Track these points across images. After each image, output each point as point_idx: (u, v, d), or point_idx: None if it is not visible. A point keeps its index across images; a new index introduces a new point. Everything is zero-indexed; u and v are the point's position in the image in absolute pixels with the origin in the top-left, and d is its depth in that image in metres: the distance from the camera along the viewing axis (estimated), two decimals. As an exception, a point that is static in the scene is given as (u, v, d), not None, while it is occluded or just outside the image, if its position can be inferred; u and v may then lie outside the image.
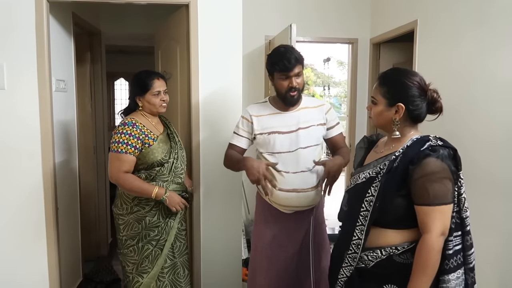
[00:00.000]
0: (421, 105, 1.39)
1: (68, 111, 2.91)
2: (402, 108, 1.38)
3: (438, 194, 1.27)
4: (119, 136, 2.00)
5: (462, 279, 1.33)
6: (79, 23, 3.17)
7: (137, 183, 2.02)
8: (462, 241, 1.35)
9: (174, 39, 2.81)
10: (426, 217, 1.29)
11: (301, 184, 1.98)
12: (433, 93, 1.41)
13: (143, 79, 2.10)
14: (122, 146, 1.99)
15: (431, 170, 1.28)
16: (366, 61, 4.01)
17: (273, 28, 3.63)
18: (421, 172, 1.29)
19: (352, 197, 1.50)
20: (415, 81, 1.39)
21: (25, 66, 2.33)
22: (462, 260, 1.34)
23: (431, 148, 1.32)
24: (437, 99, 1.41)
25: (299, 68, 1.95)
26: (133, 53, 6.19)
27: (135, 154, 2.02)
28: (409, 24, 3.17)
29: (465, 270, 1.34)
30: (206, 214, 2.66)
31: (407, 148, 1.37)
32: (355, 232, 1.41)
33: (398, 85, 1.40)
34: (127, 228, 2.10)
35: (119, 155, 2.00)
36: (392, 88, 1.41)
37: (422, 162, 1.29)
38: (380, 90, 1.44)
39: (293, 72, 1.93)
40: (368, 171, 1.45)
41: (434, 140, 1.34)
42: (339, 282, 1.46)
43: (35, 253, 2.44)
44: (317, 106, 2.08)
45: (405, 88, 1.39)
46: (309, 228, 2.06)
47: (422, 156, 1.30)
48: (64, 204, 2.72)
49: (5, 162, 2.37)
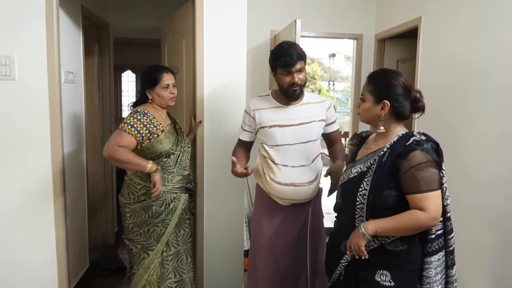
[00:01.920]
0: (404, 103, 1.51)
1: (76, 103, 2.98)
2: (387, 104, 1.50)
3: (428, 181, 1.39)
4: (127, 119, 2.11)
5: (442, 261, 1.48)
6: (88, 16, 3.22)
7: (132, 156, 2.05)
8: (443, 226, 1.48)
9: (180, 33, 2.85)
10: (420, 203, 1.39)
11: (299, 178, 2.02)
12: (416, 93, 1.53)
13: (152, 73, 2.20)
14: (127, 127, 2.08)
15: (418, 161, 1.40)
16: (370, 57, 4.03)
17: (278, 23, 3.66)
18: (409, 164, 1.40)
19: (346, 190, 1.60)
20: (400, 81, 1.51)
21: (35, 58, 2.38)
22: (443, 244, 1.48)
23: (416, 142, 1.43)
24: (420, 99, 1.53)
25: (301, 64, 1.98)
26: (140, 45, 6.25)
27: (136, 138, 2.09)
28: (413, 20, 3.19)
29: (445, 252, 1.49)
30: (209, 205, 2.72)
31: (394, 143, 1.49)
32: (356, 224, 1.51)
33: (384, 84, 1.52)
34: (133, 216, 2.19)
35: (121, 133, 2.08)
36: (379, 86, 1.53)
37: (408, 155, 1.41)
38: (368, 87, 1.56)
39: (295, 68, 1.96)
40: (359, 166, 1.56)
41: (418, 135, 1.46)
42: (340, 267, 1.56)
43: (43, 240, 2.50)
44: (319, 102, 2.13)
45: (391, 87, 1.51)
46: (307, 219, 2.12)
47: (408, 150, 1.42)
48: (72, 193, 2.79)
49: (16, 152, 2.43)
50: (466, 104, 2.55)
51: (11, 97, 2.39)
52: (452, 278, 1.49)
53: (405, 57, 3.85)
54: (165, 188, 2.18)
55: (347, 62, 16.26)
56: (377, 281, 1.48)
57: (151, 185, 2.08)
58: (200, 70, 2.60)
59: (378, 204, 1.45)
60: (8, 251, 2.49)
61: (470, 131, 2.50)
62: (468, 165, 2.45)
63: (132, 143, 2.09)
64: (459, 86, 2.62)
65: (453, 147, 2.51)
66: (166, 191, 2.19)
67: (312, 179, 2.06)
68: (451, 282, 1.49)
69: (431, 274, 1.45)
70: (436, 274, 1.46)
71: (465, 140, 2.51)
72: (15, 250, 2.49)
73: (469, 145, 2.48)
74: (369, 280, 1.49)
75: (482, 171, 2.38)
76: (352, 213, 1.51)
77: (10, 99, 2.39)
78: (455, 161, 2.48)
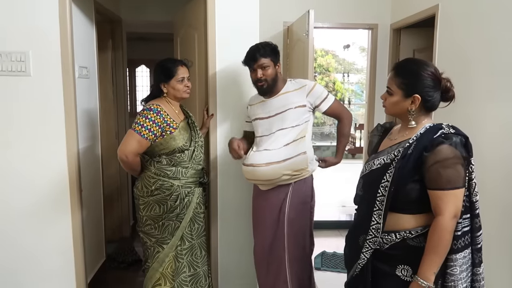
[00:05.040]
0: (435, 95, 1.44)
1: (90, 97, 3.00)
2: (418, 99, 1.44)
3: (451, 179, 1.33)
4: (143, 120, 2.08)
5: (468, 258, 1.41)
6: (101, 11, 3.23)
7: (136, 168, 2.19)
8: (471, 223, 1.41)
9: (192, 26, 2.84)
10: (439, 201, 1.35)
11: (257, 159, 2.18)
12: (446, 82, 1.46)
13: (168, 66, 2.20)
14: (145, 131, 2.07)
15: (444, 156, 1.34)
16: (386, 47, 3.94)
17: (292, 14, 3.60)
18: (435, 158, 1.34)
19: (367, 182, 1.56)
20: (430, 71, 1.44)
21: (49, 54, 2.40)
22: (470, 241, 1.41)
23: (444, 135, 1.37)
24: (450, 88, 1.46)
25: (263, 61, 2.15)
26: (154, 40, 6.26)
27: (152, 140, 2.10)
28: (430, 8, 3.10)
29: (472, 250, 1.42)
30: (223, 198, 2.73)
31: (420, 135, 1.42)
32: (373, 217, 1.47)
33: (414, 76, 1.45)
34: (147, 209, 2.20)
35: (140, 138, 2.07)
36: (408, 79, 1.46)
37: (435, 149, 1.35)
38: (396, 81, 1.48)
39: (257, 64, 2.15)
40: (382, 157, 1.51)
41: (447, 128, 1.40)
42: (359, 265, 1.52)
43: (60, 233, 2.54)
44: (298, 88, 2.21)
45: (421, 79, 1.43)
46: (285, 204, 2.19)
47: (435, 143, 1.36)
48: (87, 187, 2.82)
49: (31, 147, 2.46)
50: (485, 95, 2.47)
51: (26, 93, 2.42)
52: (479, 276, 1.43)
53: (421, 46, 3.76)
54: (179, 182, 2.19)
55: (361, 53, 16.02)
56: (397, 275, 1.44)
57: None
58: (212, 63, 2.58)
59: (401, 197, 1.41)
60: (25, 244, 2.53)
61: (489, 124, 2.43)
62: (487, 158, 2.38)
63: (147, 147, 2.12)
64: (477, 77, 2.54)
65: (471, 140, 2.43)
66: (181, 185, 2.19)
67: (272, 161, 2.13)
68: (478, 280, 1.43)
69: (456, 271, 1.39)
70: (461, 272, 1.40)
71: (484, 132, 2.44)
72: (32, 244, 2.54)
73: (489, 137, 2.41)
74: (389, 274, 1.46)
75: (501, 164, 2.31)
76: (372, 206, 1.47)
77: (25, 94, 2.42)
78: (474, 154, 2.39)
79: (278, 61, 2.22)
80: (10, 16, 2.37)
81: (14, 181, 2.48)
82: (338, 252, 3.64)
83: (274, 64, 2.19)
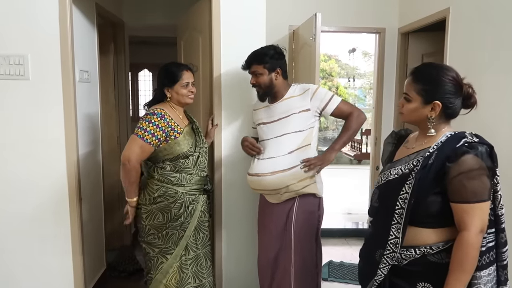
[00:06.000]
0: (456, 102, 1.37)
1: (91, 102, 2.93)
2: (439, 106, 1.36)
3: (476, 191, 1.26)
4: (147, 125, 2.02)
5: (493, 276, 1.33)
6: (102, 14, 3.17)
7: (136, 182, 2.08)
8: (496, 238, 1.34)
9: (196, 29, 2.77)
10: (464, 215, 1.27)
11: (262, 168, 2.11)
12: (468, 88, 1.39)
13: (172, 70, 2.14)
14: (148, 136, 2.01)
15: (469, 167, 1.26)
16: (393, 52, 3.86)
17: (298, 18, 3.53)
18: (459, 170, 1.27)
19: (384, 193, 1.48)
20: (451, 76, 1.37)
21: (49, 57, 2.34)
22: (495, 257, 1.34)
23: (468, 144, 1.30)
24: (472, 94, 1.39)
25: (255, 68, 2.15)
26: (157, 44, 6.22)
27: (155, 145, 2.04)
28: (440, 12, 3.02)
29: (497, 267, 1.34)
30: (227, 206, 2.65)
31: (442, 144, 1.35)
32: (391, 231, 1.39)
33: (434, 82, 1.37)
34: (150, 218, 2.12)
35: (143, 144, 2.01)
36: (428, 85, 1.38)
37: (459, 159, 1.28)
38: (415, 86, 1.41)
39: (249, 70, 2.18)
40: (399, 167, 1.44)
41: (470, 137, 1.33)
42: (375, 282, 1.44)
43: (59, 242, 2.47)
44: (302, 93, 2.16)
45: (442, 85, 1.36)
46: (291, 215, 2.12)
47: (459, 153, 1.28)
48: (88, 194, 2.75)
49: (30, 153, 2.40)
50: (499, 101, 2.39)
51: (25, 97, 2.36)
52: None
53: (430, 51, 3.68)
54: (183, 189, 2.12)
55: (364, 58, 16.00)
56: None
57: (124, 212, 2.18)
58: (217, 67, 2.51)
59: (421, 210, 1.33)
60: (23, 253, 2.47)
61: (505, 131, 2.34)
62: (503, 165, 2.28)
63: (150, 152, 2.06)
64: (491, 82, 2.45)
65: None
66: (185, 192, 2.13)
67: (277, 170, 2.07)
68: None
69: None
70: None
71: (498, 140, 2.35)
72: (30, 252, 2.47)
73: (503, 144, 2.32)
74: None
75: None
76: (389, 219, 1.39)
77: (24, 99, 2.36)
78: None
79: (277, 67, 2.15)
80: (9, 18, 2.31)
81: (10, 189, 2.42)
82: (345, 261, 3.55)
83: (269, 71, 2.14)
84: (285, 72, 2.20)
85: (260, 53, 2.15)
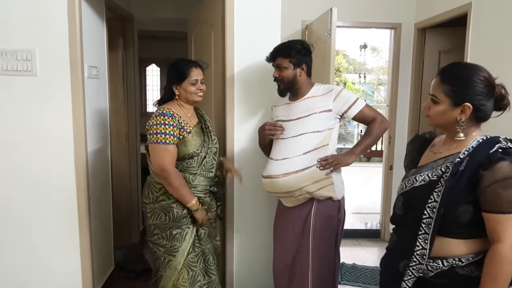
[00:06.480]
0: (488, 104, 1.29)
1: (100, 98, 2.86)
2: (470, 108, 1.28)
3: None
4: (164, 128, 1.97)
5: None
6: (112, 7, 3.09)
7: (184, 186, 2.01)
8: None
9: (208, 23, 2.69)
10: (498, 226, 1.19)
11: (275, 170, 2.04)
12: (501, 89, 1.31)
13: (181, 67, 2.07)
14: (170, 138, 1.97)
15: (505, 175, 1.18)
16: (409, 48, 3.75)
17: (310, 13, 3.43)
18: (494, 178, 1.19)
19: (409, 201, 1.40)
20: (482, 77, 1.28)
21: (57, 52, 2.27)
22: None
23: (502, 150, 1.22)
24: (505, 95, 1.31)
25: (280, 61, 2.06)
26: (165, 39, 6.16)
27: (175, 142, 2.01)
28: (461, 7, 2.90)
29: None
30: (240, 208, 2.58)
31: (473, 150, 1.27)
32: (418, 241, 1.31)
33: (464, 83, 1.29)
34: (153, 217, 2.09)
35: (168, 147, 1.97)
36: (458, 86, 1.30)
37: (494, 166, 1.20)
38: (443, 88, 1.32)
39: (274, 63, 2.10)
40: (426, 173, 1.36)
41: (505, 142, 1.24)
42: None
43: (67, 242, 2.43)
44: (325, 93, 2.09)
45: (473, 86, 1.27)
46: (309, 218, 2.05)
47: (494, 160, 1.20)
48: (96, 192, 2.70)
49: (37, 150, 2.35)
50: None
51: (32, 94, 2.30)
52: None
53: (447, 47, 3.57)
54: None
55: (373, 53, 15.81)
56: None
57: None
58: (230, 63, 2.43)
59: (450, 220, 1.26)
60: (31, 251, 2.43)
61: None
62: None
63: (173, 149, 2.01)
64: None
65: None
66: None
67: (290, 171, 2.00)
68: None
69: None
70: None
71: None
72: (38, 251, 2.43)
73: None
74: None
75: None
76: (416, 228, 1.31)
77: (31, 95, 2.30)
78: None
79: (303, 63, 2.08)
80: (16, 11, 2.24)
81: (18, 186, 2.37)
82: (357, 263, 3.46)
83: (294, 66, 2.07)
84: (309, 70, 2.13)
85: (287, 46, 2.08)
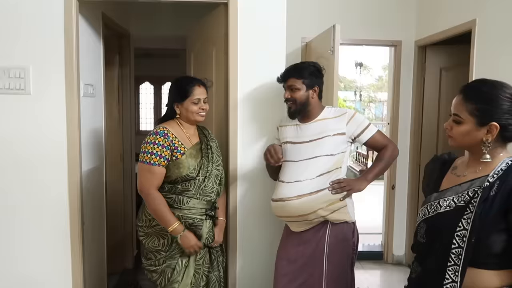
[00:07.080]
0: None
1: (96, 118, 2.75)
2: (497, 128, 1.20)
3: None
4: (152, 147, 1.89)
5: None
6: (109, 24, 3.01)
7: (163, 208, 1.92)
8: None
9: (209, 40, 2.61)
10: None
11: (287, 192, 1.97)
12: None
13: (183, 85, 1.99)
14: (156, 158, 1.88)
15: None
16: (409, 65, 3.72)
17: (310, 30, 3.39)
18: None
19: (434, 228, 1.30)
20: (509, 94, 1.20)
21: (52, 70, 2.20)
22: None
23: None
24: None
25: (292, 81, 2.02)
26: (159, 56, 6.09)
27: (165, 165, 1.92)
28: (465, 24, 2.88)
29: None
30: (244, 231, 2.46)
31: (503, 173, 1.18)
32: (447, 273, 1.20)
33: (490, 101, 1.21)
34: (147, 241, 2.00)
35: (152, 168, 1.89)
36: (483, 105, 1.22)
37: None
38: (467, 106, 1.24)
39: (286, 84, 2.05)
40: (451, 198, 1.26)
41: None
42: None
43: (59, 269, 2.32)
44: (338, 116, 2.05)
45: (499, 105, 1.20)
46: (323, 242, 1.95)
47: None
48: (90, 216, 2.57)
49: (30, 172, 2.25)
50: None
51: (25, 113, 2.22)
52: None
53: (448, 65, 3.54)
54: (179, 212, 1.95)
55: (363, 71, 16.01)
56: None
57: None
58: (233, 81, 2.33)
59: (481, 249, 1.16)
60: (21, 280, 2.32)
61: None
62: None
63: (163, 174, 1.93)
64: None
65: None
66: (181, 215, 1.95)
67: (304, 193, 1.93)
68: None
69: None
70: None
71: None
72: (29, 278, 2.32)
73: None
74: None
75: None
76: (445, 259, 1.21)
77: (24, 115, 2.22)
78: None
79: (316, 85, 2.04)
80: (9, 27, 2.16)
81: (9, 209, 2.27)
82: None
83: (307, 88, 2.02)
84: (321, 92, 2.09)
85: (301, 67, 2.05)
